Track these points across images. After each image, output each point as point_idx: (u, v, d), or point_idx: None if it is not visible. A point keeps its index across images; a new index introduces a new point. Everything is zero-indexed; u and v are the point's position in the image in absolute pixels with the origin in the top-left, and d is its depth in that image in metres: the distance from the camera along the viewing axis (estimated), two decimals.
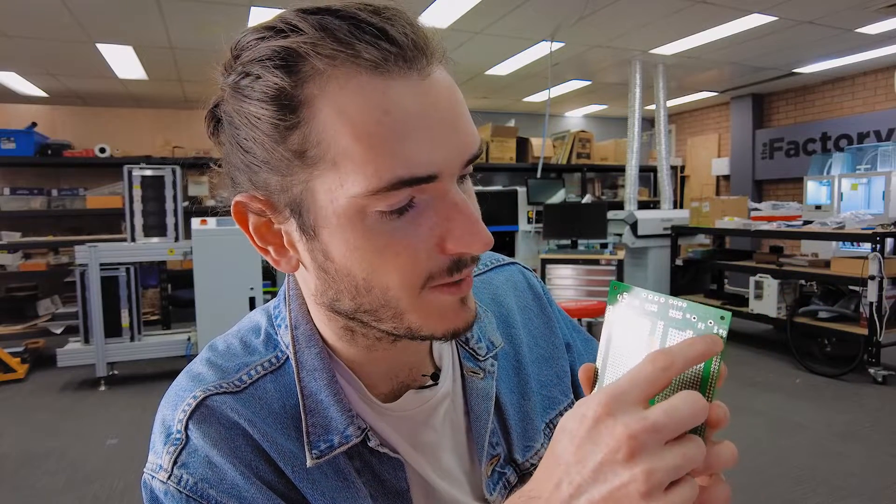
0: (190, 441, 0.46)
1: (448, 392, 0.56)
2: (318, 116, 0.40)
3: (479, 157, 0.45)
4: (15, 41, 4.61)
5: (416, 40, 0.41)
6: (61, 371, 4.30)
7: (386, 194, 0.40)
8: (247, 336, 0.54)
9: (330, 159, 0.40)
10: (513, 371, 0.61)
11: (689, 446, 0.34)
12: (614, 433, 0.34)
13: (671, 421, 0.34)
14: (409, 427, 0.53)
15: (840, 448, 3.05)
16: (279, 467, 0.48)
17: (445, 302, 0.45)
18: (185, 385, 0.50)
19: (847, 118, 6.81)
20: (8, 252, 5.83)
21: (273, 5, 4.05)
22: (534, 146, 7.31)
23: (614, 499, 0.33)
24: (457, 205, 0.43)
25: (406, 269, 0.43)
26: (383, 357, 0.52)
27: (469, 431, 0.57)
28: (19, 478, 2.90)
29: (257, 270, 4.24)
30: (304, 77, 0.40)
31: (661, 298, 0.39)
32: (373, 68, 0.40)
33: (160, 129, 6.95)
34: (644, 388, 0.35)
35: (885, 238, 3.95)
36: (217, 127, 0.48)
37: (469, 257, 0.45)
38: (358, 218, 0.41)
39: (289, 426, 0.49)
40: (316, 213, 0.43)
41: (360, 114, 0.39)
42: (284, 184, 0.43)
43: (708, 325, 0.37)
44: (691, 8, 4.37)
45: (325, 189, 0.41)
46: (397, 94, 0.40)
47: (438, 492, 0.53)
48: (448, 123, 0.42)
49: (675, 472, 0.33)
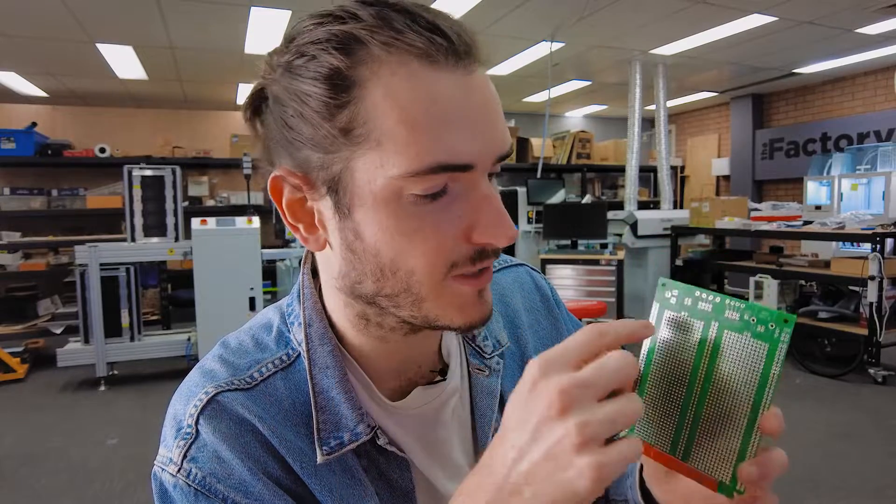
0: (200, 436, 0.47)
1: (456, 388, 0.57)
2: (369, 97, 0.42)
3: (508, 157, 0.47)
4: (15, 41, 4.61)
5: (464, 38, 0.44)
6: (61, 371, 4.30)
7: (424, 177, 0.42)
8: (259, 333, 0.55)
9: (374, 139, 0.42)
10: (518, 371, 0.61)
11: (622, 402, 0.35)
12: (547, 390, 0.35)
13: (600, 375, 0.35)
14: (417, 424, 0.54)
15: (840, 448, 3.05)
16: (288, 464, 0.48)
17: (464, 293, 0.46)
18: (197, 381, 0.51)
19: (847, 118, 6.81)
20: (8, 252, 5.83)
21: (273, 5, 4.05)
22: (534, 146, 7.31)
23: (552, 455, 0.34)
24: (487, 197, 0.45)
25: (432, 254, 0.44)
26: (394, 351, 0.53)
27: (474, 428, 0.58)
28: (19, 478, 2.90)
29: (257, 270, 4.24)
30: (359, 60, 0.42)
31: (716, 298, 0.38)
32: (424, 58, 0.42)
33: (160, 129, 6.94)
34: (576, 352, 0.36)
35: (885, 238, 3.95)
36: (258, 110, 0.49)
37: (492, 249, 0.46)
38: (393, 199, 0.43)
39: (298, 423, 0.50)
40: (353, 191, 0.44)
41: (409, 99, 0.41)
42: (325, 161, 0.44)
43: (770, 327, 0.35)
44: (691, 8, 4.37)
45: (365, 168, 0.43)
46: (445, 84, 0.42)
47: (443, 494, 0.54)
48: (486, 119, 0.44)
49: (609, 426, 0.34)
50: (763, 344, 0.35)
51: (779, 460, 0.37)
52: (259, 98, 0.49)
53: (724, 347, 0.37)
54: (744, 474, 0.37)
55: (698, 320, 0.38)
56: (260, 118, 0.49)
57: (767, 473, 0.37)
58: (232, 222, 4.27)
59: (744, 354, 0.36)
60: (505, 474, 0.36)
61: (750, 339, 0.36)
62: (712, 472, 0.37)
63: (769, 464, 0.37)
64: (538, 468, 0.34)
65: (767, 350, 0.35)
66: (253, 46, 4.97)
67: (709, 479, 0.38)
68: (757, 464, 0.37)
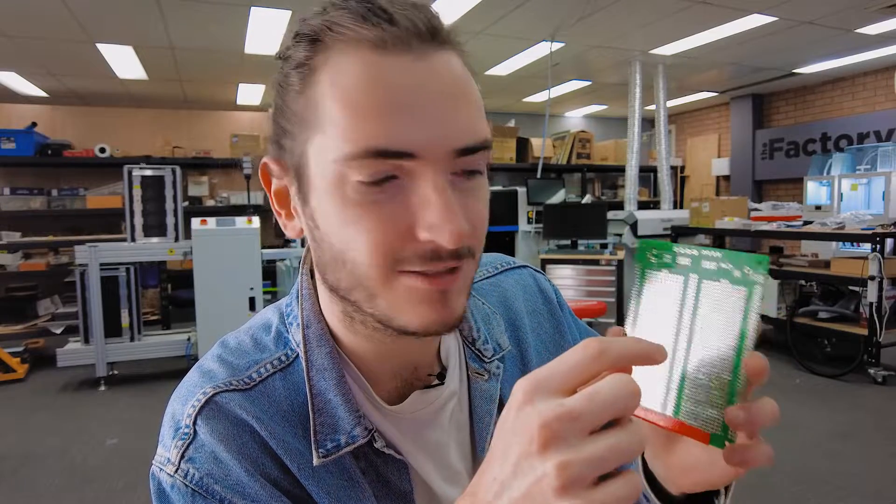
0: (197, 436, 0.47)
1: (455, 392, 0.56)
2: (319, 84, 0.43)
3: (477, 152, 0.43)
4: (15, 41, 4.61)
5: (418, 24, 0.43)
6: (61, 371, 4.30)
7: (362, 162, 0.41)
8: (258, 333, 0.55)
9: (319, 124, 0.43)
10: (519, 374, 0.61)
11: (619, 436, 0.31)
12: (528, 422, 0.31)
13: (591, 406, 0.31)
14: (415, 427, 0.53)
15: (840, 448, 3.05)
16: (285, 465, 0.48)
17: (417, 290, 0.43)
18: (195, 381, 0.51)
19: (847, 118, 6.81)
20: (8, 252, 5.83)
21: (273, 5, 4.05)
22: (534, 146, 7.31)
23: (530, 496, 0.31)
24: (434, 191, 0.41)
25: (373, 243, 0.42)
26: (387, 353, 0.52)
27: (473, 433, 0.57)
28: (19, 478, 2.90)
29: (257, 270, 4.24)
30: (318, 50, 0.44)
31: (694, 251, 0.37)
32: (373, 46, 0.42)
33: (160, 129, 6.94)
34: (568, 375, 0.32)
35: (885, 238, 3.95)
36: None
37: (446, 252, 0.42)
38: (339, 184, 0.42)
39: (296, 424, 0.49)
40: (308, 177, 0.45)
41: (352, 84, 0.42)
42: (293, 147, 0.46)
43: (745, 272, 0.35)
44: (691, 8, 4.37)
45: (314, 153, 0.44)
46: (392, 70, 0.42)
47: (440, 496, 0.53)
48: (438, 107, 0.42)
49: (597, 465, 0.30)
50: (740, 289, 0.35)
51: (768, 408, 0.36)
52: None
53: (704, 297, 0.37)
54: (730, 417, 0.36)
55: (678, 275, 0.38)
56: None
57: (755, 419, 0.35)
58: (232, 222, 4.27)
59: (723, 302, 0.36)
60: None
61: (728, 285, 0.36)
62: (703, 426, 0.37)
63: (757, 410, 0.36)
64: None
65: (745, 294, 0.35)
66: (253, 46, 4.97)
67: (701, 433, 0.37)
68: (744, 409, 0.36)
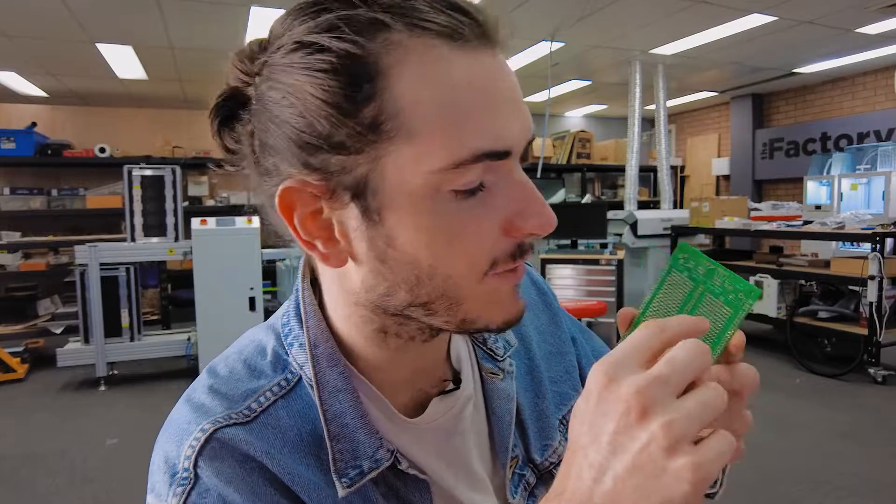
0: (200, 480, 0.42)
1: (470, 395, 0.55)
2: (397, 87, 0.38)
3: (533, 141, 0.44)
4: (15, 41, 4.61)
5: (487, 17, 0.41)
6: (61, 371, 4.30)
7: (466, 169, 0.38)
8: (252, 358, 0.49)
9: (407, 132, 0.38)
10: (526, 370, 0.60)
11: (704, 392, 0.33)
12: (620, 395, 0.32)
13: (675, 369, 0.32)
14: (436, 438, 0.51)
15: (840, 448, 3.05)
16: (303, 501, 0.44)
17: (502, 290, 0.44)
18: (188, 417, 0.45)
19: (847, 118, 6.81)
20: (8, 252, 5.83)
21: (273, 5, 4.05)
22: (534, 146, 7.29)
23: (638, 465, 0.31)
24: (525, 185, 0.42)
25: (474, 253, 0.41)
26: (407, 362, 0.49)
27: (490, 435, 0.55)
28: (19, 478, 2.90)
29: (257, 270, 4.24)
30: (380, 45, 0.38)
31: (711, 265, 0.41)
32: (451, 39, 0.39)
33: (160, 129, 6.95)
34: (640, 352, 0.34)
35: (885, 238, 3.95)
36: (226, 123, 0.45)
37: (531, 241, 0.43)
38: (431, 197, 0.39)
39: (307, 454, 0.45)
40: (384, 193, 0.39)
41: (443, 85, 0.38)
42: (348, 163, 0.39)
43: (739, 297, 0.40)
44: (691, 8, 4.37)
45: (397, 166, 0.39)
46: (476, 66, 0.39)
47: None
48: (516, 102, 0.42)
49: (697, 421, 0.31)
50: (729, 309, 0.40)
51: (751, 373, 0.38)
52: (229, 106, 0.44)
53: (702, 306, 0.41)
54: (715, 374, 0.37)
55: (691, 281, 0.42)
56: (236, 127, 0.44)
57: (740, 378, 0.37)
58: (232, 222, 4.27)
59: (713, 314, 0.40)
60: (585, 499, 0.32)
61: (721, 303, 0.40)
62: None
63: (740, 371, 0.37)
64: (625, 483, 0.31)
65: (729, 315, 0.40)
66: None
67: None
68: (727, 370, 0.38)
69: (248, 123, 0.43)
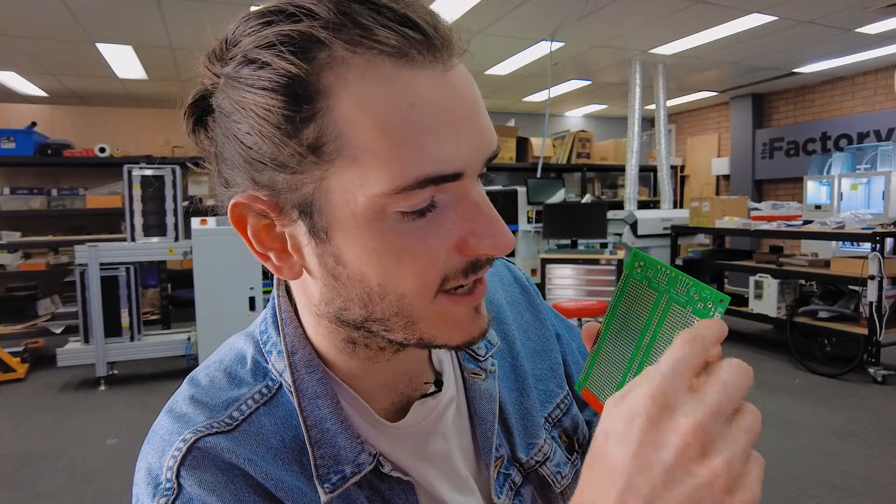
0: (183, 490, 0.41)
1: (453, 397, 0.54)
2: (338, 107, 0.37)
3: (496, 156, 0.43)
4: (15, 41, 4.61)
5: (439, 29, 0.39)
6: (61, 371, 4.31)
7: (410, 193, 0.37)
8: (232, 367, 0.49)
9: (349, 155, 0.37)
10: (509, 368, 0.60)
11: (749, 420, 0.32)
12: (679, 428, 0.31)
13: (728, 397, 0.31)
14: (418, 441, 0.51)
15: (840, 448, 3.05)
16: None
17: (460, 312, 0.43)
18: (169, 428, 0.44)
19: (847, 118, 6.80)
20: (8, 252, 5.82)
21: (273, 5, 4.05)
22: (534, 146, 7.31)
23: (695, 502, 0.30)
24: (479, 205, 0.41)
25: (422, 272, 0.40)
26: (383, 369, 0.49)
27: (473, 435, 0.55)
28: (19, 478, 2.90)
29: (257, 270, 4.23)
30: (321, 64, 0.37)
31: (672, 273, 0.40)
32: (396, 57, 0.37)
33: (160, 129, 6.94)
34: (686, 371, 0.33)
35: (885, 238, 3.95)
36: (200, 123, 0.44)
37: (485, 259, 0.42)
38: (377, 219, 0.38)
39: (290, 461, 0.45)
40: (330, 213, 0.39)
41: (385, 106, 0.36)
42: (294, 182, 0.39)
43: (707, 306, 0.38)
44: (691, 8, 4.37)
45: (341, 187, 0.38)
46: (424, 85, 0.37)
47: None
48: (471, 119, 0.40)
49: (747, 454, 0.31)
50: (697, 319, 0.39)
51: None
52: (201, 107, 0.43)
53: (668, 318, 0.40)
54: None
55: (653, 291, 0.41)
56: (205, 131, 0.44)
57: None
58: None
59: (682, 325, 0.39)
60: None
61: (689, 313, 0.39)
62: None
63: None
64: None
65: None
66: None
67: None
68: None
69: (212, 130, 0.43)
